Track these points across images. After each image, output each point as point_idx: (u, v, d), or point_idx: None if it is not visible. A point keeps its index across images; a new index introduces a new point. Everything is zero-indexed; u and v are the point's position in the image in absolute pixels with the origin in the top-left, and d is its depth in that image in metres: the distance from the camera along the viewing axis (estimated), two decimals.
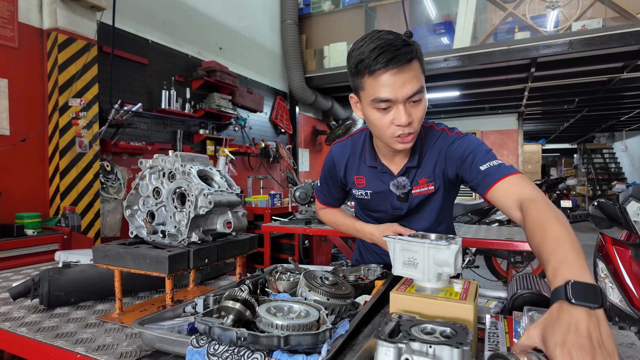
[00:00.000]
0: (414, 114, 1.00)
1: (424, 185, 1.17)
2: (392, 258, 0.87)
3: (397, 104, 0.99)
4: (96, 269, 1.18)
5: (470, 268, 4.23)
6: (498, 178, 0.98)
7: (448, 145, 1.13)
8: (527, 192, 0.92)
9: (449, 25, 5.84)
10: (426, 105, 1.05)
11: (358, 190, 1.26)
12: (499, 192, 0.98)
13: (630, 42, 4.64)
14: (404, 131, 1.01)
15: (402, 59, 0.94)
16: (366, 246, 1.44)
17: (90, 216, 3.27)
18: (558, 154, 20.23)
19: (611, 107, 9.27)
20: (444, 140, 1.15)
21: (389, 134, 1.03)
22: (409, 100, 0.99)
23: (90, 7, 3.24)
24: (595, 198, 8.18)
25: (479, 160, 1.04)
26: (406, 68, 0.96)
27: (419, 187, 1.18)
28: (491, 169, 1.01)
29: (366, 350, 0.68)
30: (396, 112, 0.99)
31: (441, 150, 1.14)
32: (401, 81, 0.96)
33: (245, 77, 5.59)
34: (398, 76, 0.96)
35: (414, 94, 0.98)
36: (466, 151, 1.08)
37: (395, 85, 0.96)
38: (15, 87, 2.92)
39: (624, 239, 2.39)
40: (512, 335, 0.70)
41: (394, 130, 1.02)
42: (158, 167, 1.13)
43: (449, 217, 1.32)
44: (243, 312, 0.75)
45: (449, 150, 1.12)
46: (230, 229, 1.14)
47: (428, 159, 1.17)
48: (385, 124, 1.02)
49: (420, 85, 0.99)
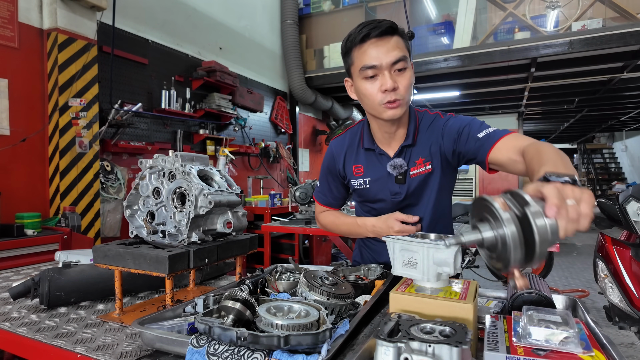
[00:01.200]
0: (399, 82, 1.09)
1: (421, 165, 1.21)
2: (391, 258, 0.87)
3: (382, 71, 1.08)
4: (96, 269, 1.19)
5: (470, 268, 4.24)
6: (496, 139, 1.05)
7: (443, 124, 1.20)
8: (527, 141, 0.99)
9: (449, 25, 5.84)
10: (412, 77, 1.12)
11: (357, 180, 1.28)
12: (499, 151, 1.04)
13: (630, 42, 4.64)
14: (391, 97, 1.09)
15: (382, 28, 1.07)
16: (367, 245, 1.43)
17: (90, 216, 3.27)
18: None
19: (611, 107, 9.27)
20: (439, 121, 1.22)
21: (378, 102, 1.11)
22: (394, 67, 1.08)
23: (90, 7, 3.24)
24: (595, 198, 8.16)
25: (476, 130, 1.11)
26: (388, 38, 1.08)
27: (416, 167, 1.21)
28: (488, 134, 1.08)
29: (366, 350, 0.68)
30: (382, 78, 1.08)
31: (436, 129, 1.20)
32: (384, 49, 1.07)
33: (245, 77, 5.59)
34: (381, 45, 1.07)
35: (398, 61, 1.07)
36: (462, 125, 1.15)
37: (379, 52, 1.07)
38: (15, 87, 2.92)
39: (624, 239, 2.39)
40: (511, 335, 0.70)
41: (382, 97, 1.09)
42: (158, 167, 1.13)
43: (448, 214, 1.32)
44: (243, 312, 0.76)
45: (445, 127, 1.19)
46: (230, 229, 1.14)
47: (423, 139, 1.22)
48: (373, 92, 1.10)
49: (403, 54, 1.08)
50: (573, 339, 0.65)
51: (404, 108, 1.13)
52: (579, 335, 0.67)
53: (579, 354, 0.63)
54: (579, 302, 0.94)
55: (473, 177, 9.72)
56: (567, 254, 6.55)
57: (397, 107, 1.10)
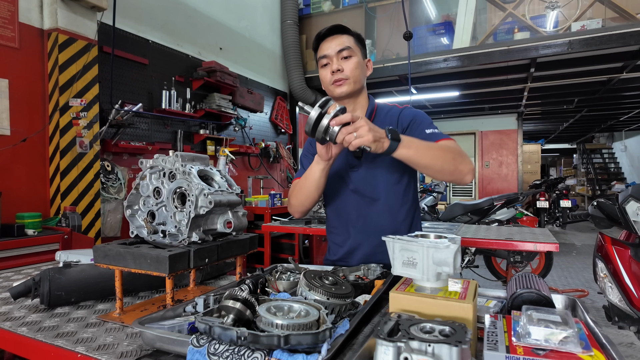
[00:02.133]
0: (344, 65, 1.33)
1: None
2: (391, 258, 0.88)
3: (331, 59, 1.34)
4: (97, 269, 1.19)
5: (469, 268, 4.24)
6: (438, 139, 1.24)
7: (400, 112, 1.39)
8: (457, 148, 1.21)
9: (448, 26, 5.84)
10: (360, 64, 1.35)
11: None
12: None
13: (630, 42, 4.64)
14: (337, 76, 1.33)
15: (334, 30, 1.35)
16: (334, 242, 1.48)
17: (90, 216, 3.27)
18: (557, 154, 20.23)
19: (611, 107, 9.27)
20: (395, 110, 1.41)
21: (328, 81, 1.36)
22: (340, 54, 1.33)
23: (90, 7, 3.24)
24: (594, 198, 8.19)
25: (425, 126, 1.30)
26: (337, 36, 1.35)
27: None
28: (434, 132, 1.28)
29: (366, 349, 0.68)
30: (331, 64, 1.34)
31: (392, 117, 1.39)
32: (333, 43, 1.34)
33: (245, 77, 5.59)
34: (330, 40, 1.35)
35: (342, 50, 1.33)
36: (416, 117, 1.35)
37: (329, 45, 1.35)
38: (16, 87, 2.92)
39: (624, 239, 2.40)
40: (511, 335, 0.70)
41: (331, 77, 1.34)
42: (158, 167, 1.13)
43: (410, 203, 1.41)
44: (243, 312, 0.76)
45: (401, 115, 1.38)
46: (231, 229, 1.14)
47: (380, 120, 1.38)
48: (326, 75, 1.36)
49: (348, 46, 1.33)
50: (572, 338, 0.65)
51: (350, 87, 1.33)
52: (579, 335, 0.67)
53: (578, 354, 0.63)
54: (578, 301, 0.95)
55: (473, 177, 9.73)
56: (567, 254, 6.56)
57: (342, 84, 1.33)
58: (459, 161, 1.16)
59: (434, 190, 5.58)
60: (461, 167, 1.16)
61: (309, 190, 1.30)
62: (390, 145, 1.04)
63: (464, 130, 9.77)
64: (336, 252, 1.47)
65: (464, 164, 1.17)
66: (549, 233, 2.75)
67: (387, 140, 1.04)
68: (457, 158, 1.16)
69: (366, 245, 1.39)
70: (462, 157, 1.18)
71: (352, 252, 1.42)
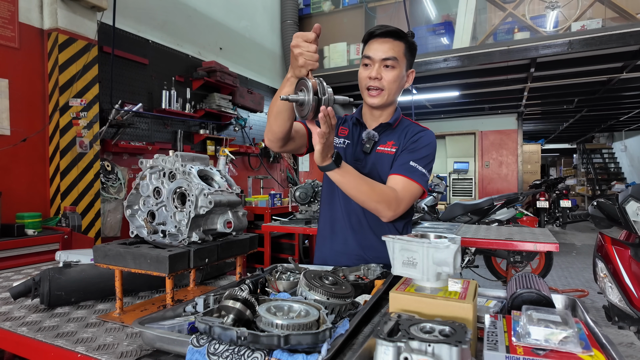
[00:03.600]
0: (384, 75, 1.31)
1: (389, 146, 1.39)
2: (391, 258, 0.88)
3: (374, 64, 1.31)
4: (97, 269, 1.19)
5: (469, 268, 4.24)
6: (407, 175, 1.28)
7: (414, 132, 1.40)
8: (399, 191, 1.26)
9: (448, 26, 5.84)
10: (399, 77, 1.32)
11: (338, 139, 1.45)
12: (391, 180, 1.29)
13: (630, 42, 4.64)
14: (373, 83, 1.31)
15: (385, 29, 1.31)
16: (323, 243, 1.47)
17: (90, 216, 3.27)
18: (557, 154, 20.23)
19: (610, 107, 9.27)
20: (413, 127, 1.43)
21: (364, 85, 1.34)
22: (384, 62, 1.30)
23: (90, 7, 3.24)
24: (594, 198, 8.19)
25: (416, 158, 1.32)
26: (388, 40, 1.31)
27: (385, 146, 1.39)
28: (412, 168, 1.30)
29: (366, 349, 0.68)
30: (371, 69, 1.32)
31: (409, 131, 1.40)
32: (382, 47, 1.30)
33: (245, 77, 5.59)
34: (381, 44, 1.31)
35: (388, 59, 1.30)
36: (418, 143, 1.36)
37: (377, 48, 1.31)
38: (16, 87, 2.92)
39: (624, 239, 2.40)
40: (511, 335, 0.70)
41: (367, 81, 1.33)
42: (158, 167, 1.13)
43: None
44: (243, 312, 0.76)
45: (414, 132, 1.39)
46: (231, 229, 1.14)
47: (400, 129, 1.42)
48: (363, 76, 1.34)
49: (395, 56, 1.30)
50: (572, 338, 0.65)
51: (384, 99, 1.33)
52: (579, 335, 0.67)
53: (578, 354, 0.63)
54: (578, 301, 0.95)
55: (473, 177, 9.73)
56: (567, 254, 6.56)
57: (376, 95, 1.32)
58: (383, 206, 1.22)
59: (434, 190, 5.58)
60: (381, 210, 1.23)
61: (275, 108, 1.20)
62: (328, 164, 1.12)
63: (464, 130, 9.76)
64: (322, 246, 1.49)
65: (386, 210, 1.23)
66: (549, 233, 2.75)
67: (329, 160, 1.12)
68: (382, 203, 1.21)
69: (352, 240, 1.41)
70: (389, 204, 1.22)
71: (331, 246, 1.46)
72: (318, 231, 1.53)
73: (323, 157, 1.10)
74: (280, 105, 1.17)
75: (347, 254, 1.39)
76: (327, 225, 1.46)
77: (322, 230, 1.50)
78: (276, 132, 1.23)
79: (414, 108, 7.29)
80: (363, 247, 1.38)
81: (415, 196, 1.30)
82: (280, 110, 1.18)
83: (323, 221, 1.49)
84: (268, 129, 1.27)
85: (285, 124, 1.21)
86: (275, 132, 1.23)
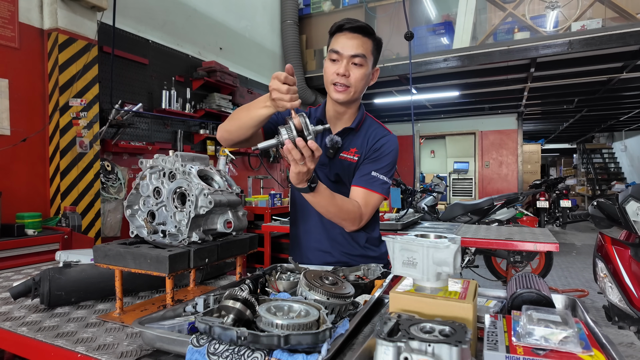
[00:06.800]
0: (352, 72, 1.29)
1: (351, 153, 1.40)
2: (391, 258, 0.88)
3: (342, 59, 1.28)
4: (97, 269, 1.19)
5: (469, 268, 4.24)
6: (368, 187, 1.32)
7: (379, 137, 1.39)
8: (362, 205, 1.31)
9: (448, 26, 5.84)
10: (366, 75, 1.31)
11: None
12: (354, 192, 1.34)
13: (630, 42, 4.64)
14: (340, 80, 1.28)
15: (355, 24, 1.27)
16: (299, 241, 1.52)
17: (90, 216, 3.27)
18: (557, 154, 20.23)
19: (610, 107, 9.27)
20: (378, 130, 1.42)
21: (330, 80, 1.31)
22: (352, 59, 1.27)
23: (90, 7, 3.24)
24: (594, 198, 8.18)
25: (378, 168, 1.34)
26: (358, 37, 1.27)
27: (348, 153, 1.39)
28: (373, 178, 1.33)
29: (366, 349, 0.68)
30: (339, 65, 1.28)
31: (371, 136, 1.40)
32: (350, 43, 1.27)
33: (245, 77, 5.59)
34: (349, 39, 1.27)
35: (357, 56, 1.27)
36: (381, 154, 1.37)
37: (346, 43, 1.27)
38: (16, 87, 2.92)
39: (624, 239, 2.40)
40: (511, 334, 0.70)
41: (334, 77, 1.29)
42: (158, 167, 1.13)
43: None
44: (243, 312, 0.76)
45: (376, 140, 1.39)
46: (231, 229, 1.14)
47: (363, 133, 1.41)
48: (330, 72, 1.30)
49: (364, 53, 1.27)
50: (572, 338, 0.65)
51: (349, 95, 1.31)
52: (579, 335, 0.67)
53: (578, 354, 0.63)
54: (578, 301, 0.95)
55: (473, 177, 9.73)
56: (567, 254, 6.56)
57: (342, 91, 1.30)
58: (348, 223, 1.30)
59: (434, 190, 5.58)
60: (346, 225, 1.32)
61: (239, 118, 1.24)
62: (303, 188, 1.15)
63: (464, 130, 9.77)
64: (292, 244, 1.55)
65: (350, 226, 1.31)
66: (549, 233, 2.75)
67: (305, 184, 1.14)
68: (348, 220, 1.29)
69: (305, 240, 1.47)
70: (353, 221, 1.29)
71: (296, 245, 1.52)
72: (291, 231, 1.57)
73: (299, 180, 1.12)
74: (248, 122, 1.20)
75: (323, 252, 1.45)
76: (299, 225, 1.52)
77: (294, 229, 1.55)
78: (234, 138, 1.29)
79: (414, 108, 7.29)
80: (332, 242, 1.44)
81: (377, 205, 1.35)
82: (247, 126, 1.21)
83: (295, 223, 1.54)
84: (225, 129, 1.29)
85: (246, 133, 1.25)
86: (233, 137, 1.28)
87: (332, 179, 1.41)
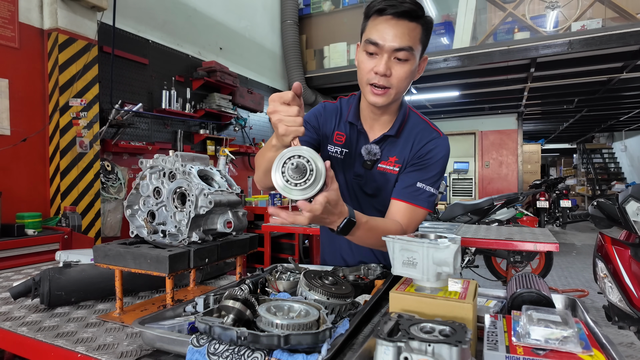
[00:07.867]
0: (394, 70, 1.04)
1: (391, 164, 1.20)
2: (391, 258, 0.88)
3: (382, 53, 1.02)
4: (97, 269, 1.19)
5: (469, 268, 4.24)
6: (412, 201, 1.12)
7: (426, 141, 1.18)
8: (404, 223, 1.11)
9: (448, 26, 5.84)
10: (412, 72, 1.07)
11: (335, 147, 1.24)
12: (396, 206, 1.14)
13: (630, 42, 4.64)
14: (378, 81, 1.04)
15: (400, 9, 0.99)
16: (331, 241, 1.40)
17: (90, 216, 3.27)
18: (557, 154, 20.24)
19: (610, 107, 9.27)
20: (425, 132, 1.19)
21: (366, 79, 1.07)
22: (394, 54, 1.02)
23: (90, 7, 3.24)
24: (594, 198, 8.19)
25: (424, 178, 1.14)
26: (404, 23, 1.00)
27: (387, 163, 1.20)
28: (419, 190, 1.13)
29: (366, 349, 0.68)
30: (379, 60, 1.03)
31: (416, 139, 1.18)
32: (393, 31, 1.00)
33: (245, 77, 5.59)
34: (392, 26, 1.00)
35: (401, 49, 1.01)
36: (429, 162, 1.16)
37: (387, 32, 1.00)
38: (16, 87, 2.92)
39: (624, 239, 2.40)
40: (511, 334, 0.70)
41: (372, 76, 1.05)
42: (158, 167, 1.13)
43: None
44: (243, 312, 0.76)
45: (424, 146, 1.17)
46: (231, 229, 1.14)
47: (405, 137, 1.19)
48: (366, 68, 1.06)
49: (410, 45, 1.01)
50: (572, 338, 0.65)
51: (390, 98, 1.08)
52: (579, 335, 0.67)
53: (578, 354, 0.63)
54: (578, 301, 0.95)
55: (473, 177, 9.73)
56: (567, 254, 6.56)
57: (382, 94, 1.07)
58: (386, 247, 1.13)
59: None
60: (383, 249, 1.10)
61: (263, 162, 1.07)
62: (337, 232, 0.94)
63: (464, 130, 9.77)
64: (323, 249, 1.45)
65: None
66: (549, 233, 2.75)
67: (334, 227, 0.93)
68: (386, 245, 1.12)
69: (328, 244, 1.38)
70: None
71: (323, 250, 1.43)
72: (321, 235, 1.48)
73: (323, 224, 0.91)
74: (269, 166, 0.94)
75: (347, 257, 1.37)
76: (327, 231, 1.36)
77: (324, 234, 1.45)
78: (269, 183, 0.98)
79: (414, 108, 7.29)
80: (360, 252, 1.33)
81: (421, 221, 1.16)
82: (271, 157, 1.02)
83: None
84: (257, 180, 1.15)
85: None
86: (268, 183, 0.99)
87: (369, 192, 1.23)
